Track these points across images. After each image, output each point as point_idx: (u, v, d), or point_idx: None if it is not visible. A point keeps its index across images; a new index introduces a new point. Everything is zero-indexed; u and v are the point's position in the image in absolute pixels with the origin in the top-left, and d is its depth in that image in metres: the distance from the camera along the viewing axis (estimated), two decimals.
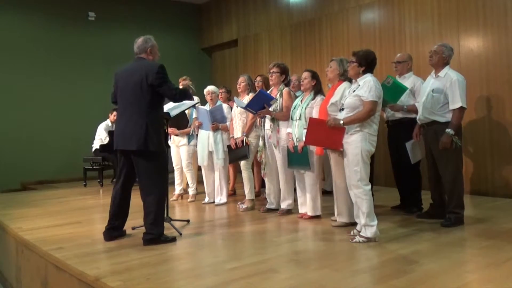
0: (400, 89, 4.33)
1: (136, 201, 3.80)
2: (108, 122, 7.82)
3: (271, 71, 4.77)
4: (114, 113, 7.83)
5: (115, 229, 3.72)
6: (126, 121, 3.55)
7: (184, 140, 5.78)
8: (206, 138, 5.37)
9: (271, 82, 4.81)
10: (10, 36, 8.17)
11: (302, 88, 4.55)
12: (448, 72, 4.02)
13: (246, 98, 5.08)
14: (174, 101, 3.84)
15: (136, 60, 3.69)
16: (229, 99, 6.41)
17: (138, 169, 3.59)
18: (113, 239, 3.66)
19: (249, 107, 4.68)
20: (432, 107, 4.02)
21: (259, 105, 4.63)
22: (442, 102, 3.98)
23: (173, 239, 3.70)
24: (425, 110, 4.07)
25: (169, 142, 5.90)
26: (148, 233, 3.61)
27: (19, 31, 8.27)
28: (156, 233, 3.61)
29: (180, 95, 3.68)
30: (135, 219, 4.29)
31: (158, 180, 3.61)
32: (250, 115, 4.93)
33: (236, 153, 5.03)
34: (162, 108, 3.77)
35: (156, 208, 3.59)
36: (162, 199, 3.66)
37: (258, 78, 5.48)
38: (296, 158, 4.33)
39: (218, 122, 5.27)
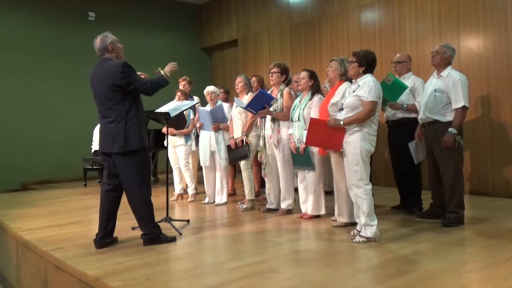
0: (400, 88, 4.33)
1: None
2: None
3: (272, 71, 4.76)
4: None
5: (107, 236, 3.61)
6: (105, 124, 3.52)
7: (181, 140, 5.77)
8: (207, 138, 5.37)
9: (271, 82, 4.81)
10: (10, 36, 8.17)
11: (299, 88, 4.55)
12: (450, 72, 4.03)
13: (245, 98, 5.08)
14: (148, 95, 3.65)
15: (101, 62, 3.58)
16: (227, 99, 6.41)
17: (120, 169, 3.52)
18: (105, 246, 3.56)
19: (249, 107, 4.67)
20: (434, 106, 4.03)
21: (260, 105, 4.62)
22: (444, 101, 3.99)
23: (173, 239, 3.69)
24: (427, 109, 4.08)
25: (164, 143, 5.89)
26: (146, 233, 3.60)
27: (19, 31, 8.27)
28: (155, 232, 3.61)
29: (153, 87, 3.57)
30: (135, 219, 4.29)
31: (142, 178, 3.56)
32: (250, 114, 4.92)
33: (236, 153, 5.03)
34: (141, 104, 3.64)
35: (146, 206, 3.57)
36: (149, 196, 3.61)
37: (253, 79, 5.49)
38: (299, 159, 4.34)
39: (219, 122, 5.27)
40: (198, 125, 5.47)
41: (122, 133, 3.42)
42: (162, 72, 3.69)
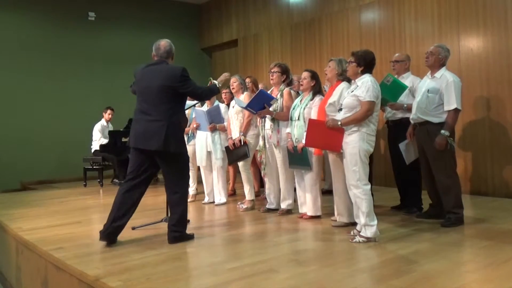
0: (400, 88, 4.33)
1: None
2: (103, 122, 7.80)
3: (272, 70, 4.76)
4: (109, 111, 7.82)
5: (114, 233, 3.61)
6: (148, 122, 3.56)
7: None
8: (204, 138, 5.37)
9: (271, 82, 4.81)
10: (10, 36, 8.18)
11: (301, 88, 4.55)
12: (444, 73, 4.02)
13: (241, 97, 5.09)
14: (202, 100, 3.99)
15: (158, 63, 3.70)
16: (231, 99, 6.41)
17: (163, 169, 3.68)
18: (109, 243, 3.59)
19: (249, 107, 4.67)
20: (426, 107, 4.02)
21: (260, 105, 4.62)
22: (436, 102, 3.98)
23: (191, 236, 3.76)
24: (419, 109, 4.07)
25: None
26: (174, 230, 3.64)
27: (19, 31, 8.28)
28: (182, 230, 3.68)
29: (206, 93, 3.84)
30: (135, 219, 4.29)
31: (181, 179, 3.70)
32: (246, 113, 4.92)
33: (235, 154, 5.02)
34: (183, 111, 3.83)
35: (182, 207, 3.66)
36: (186, 197, 3.77)
37: (248, 80, 5.49)
38: (296, 159, 4.33)
39: (215, 123, 5.27)
40: (194, 125, 5.47)
41: (163, 133, 3.49)
42: (214, 81, 3.99)
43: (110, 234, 3.58)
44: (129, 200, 3.62)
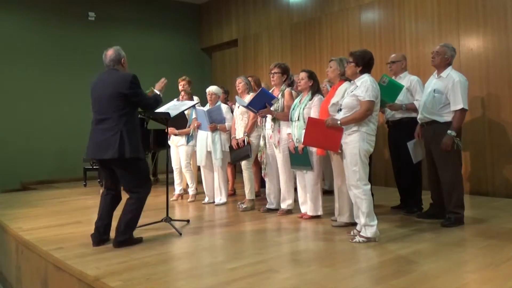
0: (396, 88, 4.32)
1: None
2: None
3: (273, 71, 4.76)
4: None
5: (105, 233, 3.70)
6: (103, 131, 3.56)
7: (182, 140, 5.78)
8: (204, 138, 5.38)
9: (272, 83, 4.81)
10: (10, 36, 8.17)
11: (299, 88, 4.55)
12: (450, 73, 4.02)
13: (247, 98, 5.08)
14: (149, 110, 3.92)
15: (108, 71, 3.68)
16: (226, 99, 6.41)
17: (119, 175, 3.64)
18: (102, 244, 3.64)
19: (250, 106, 4.67)
20: (432, 107, 4.02)
21: (261, 104, 4.62)
22: (443, 102, 3.98)
23: (139, 240, 3.72)
24: (426, 109, 4.08)
25: (169, 142, 5.89)
26: (121, 235, 3.61)
27: (19, 31, 8.27)
28: (129, 235, 3.64)
29: (154, 104, 3.78)
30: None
31: (138, 186, 3.65)
32: (251, 114, 4.93)
33: (238, 153, 5.02)
34: (137, 116, 3.78)
35: (134, 212, 3.64)
36: (141, 204, 3.69)
37: (249, 79, 5.49)
38: (298, 159, 4.33)
39: (216, 123, 5.27)
40: (196, 125, 5.47)
41: (117, 141, 3.48)
42: (155, 91, 3.89)
43: (101, 235, 3.65)
44: (108, 206, 3.71)
